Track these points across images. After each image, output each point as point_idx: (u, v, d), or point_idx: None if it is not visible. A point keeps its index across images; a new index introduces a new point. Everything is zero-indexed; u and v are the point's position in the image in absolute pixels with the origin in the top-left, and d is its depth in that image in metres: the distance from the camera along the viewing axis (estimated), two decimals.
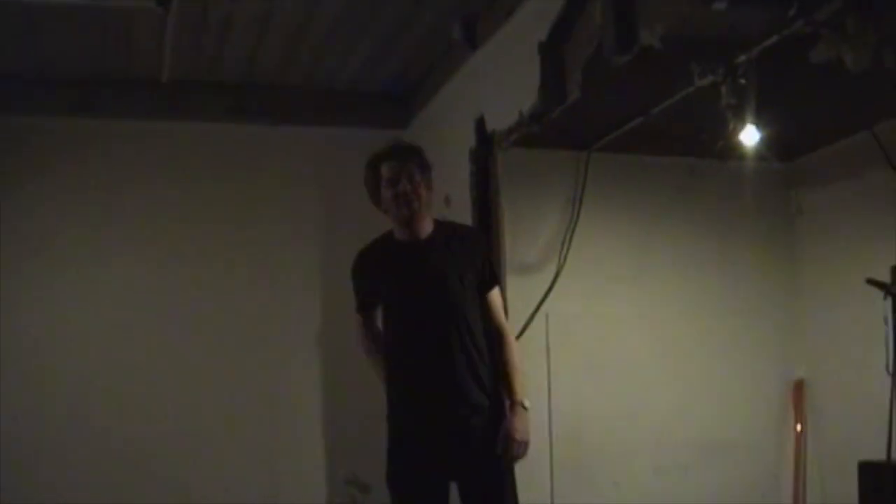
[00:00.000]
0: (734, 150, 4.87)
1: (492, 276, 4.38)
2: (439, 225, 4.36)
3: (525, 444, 4.23)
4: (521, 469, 4.27)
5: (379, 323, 4.46)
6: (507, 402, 4.26)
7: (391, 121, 6.75)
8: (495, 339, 4.32)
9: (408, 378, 4.25)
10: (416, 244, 4.27)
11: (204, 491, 6.33)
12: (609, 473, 5.65)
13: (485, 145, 5.43)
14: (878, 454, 4.61)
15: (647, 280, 5.96)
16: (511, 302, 4.92)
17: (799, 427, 6.09)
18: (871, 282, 4.87)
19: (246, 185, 6.62)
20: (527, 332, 5.39)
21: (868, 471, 4.46)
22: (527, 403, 4.25)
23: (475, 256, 4.32)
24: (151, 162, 6.48)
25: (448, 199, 5.67)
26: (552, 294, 5.58)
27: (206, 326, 6.45)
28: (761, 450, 6.11)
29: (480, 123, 5.48)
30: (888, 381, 4.81)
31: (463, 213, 5.33)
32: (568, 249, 5.68)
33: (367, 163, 4.32)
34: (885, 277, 4.90)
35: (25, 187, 6.26)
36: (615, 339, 5.83)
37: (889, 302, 4.84)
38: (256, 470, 6.48)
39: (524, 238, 5.58)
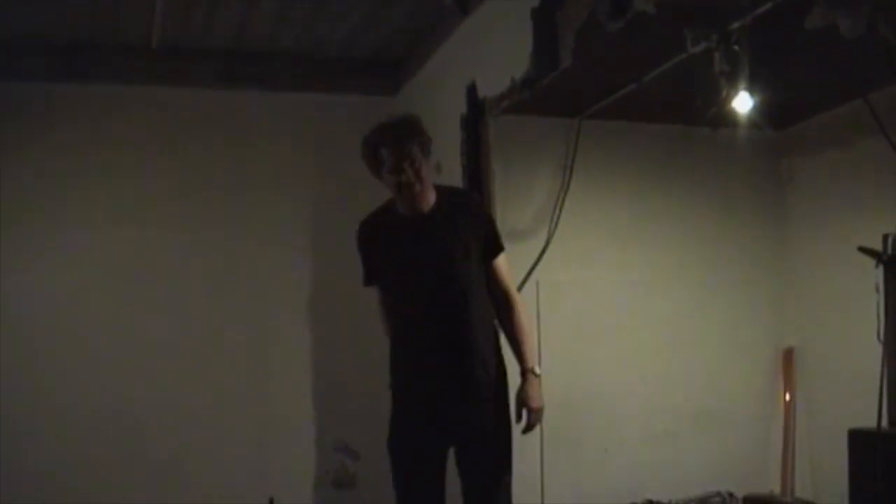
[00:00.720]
0: (726, 117, 4.87)
1: (496, 243, 4.34)
2: (441, 194, 4.30)
3: (541, 410, 4.26)
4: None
5: None
6: (519, 370, 4.27)
7: (382, 87, 6.73)
8: (502, 306, 4.32)
9: (411, 350, 4.24)
10: (419, 218, 4.23)
11: (193, 457, 6.33)
12: (599, 440, 5.66)
13: (476, 112, 5.40)
14: (868, 422, 4.61)
15: (637, 248, 5.96)
16: None
17: (788, 396, 6.10)
18: (863, 250, 4.86)
19: (236, 151, 6.58)
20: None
21: (858, 439, 4.47)
22: (538, 370, 4.27)
23: (478, 226, 4.29)
24: (141, 128, 6.44)
25: (439, 165, 5.64)
26: (543, 261, 5.58)
27: (195, 293, 6.43)
28: (750, 418, 6.13)
29: (472, 90, 5.45)
30: (879, 349, 4.81)
31: (454, 180, 5.31)
32: (559, 217, 5.67)
33: (365, 141, 4.25)
34: (877, 246, 4.90)
35: (14, 154, 6.21)
36: (605, 307, 5.84)
37: (881, 270, 4.84)
38: (246, 438, 6.48)
39: (515, 205, 5.56)
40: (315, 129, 6.70)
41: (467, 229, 4.25)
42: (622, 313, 5.87)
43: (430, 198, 4.25)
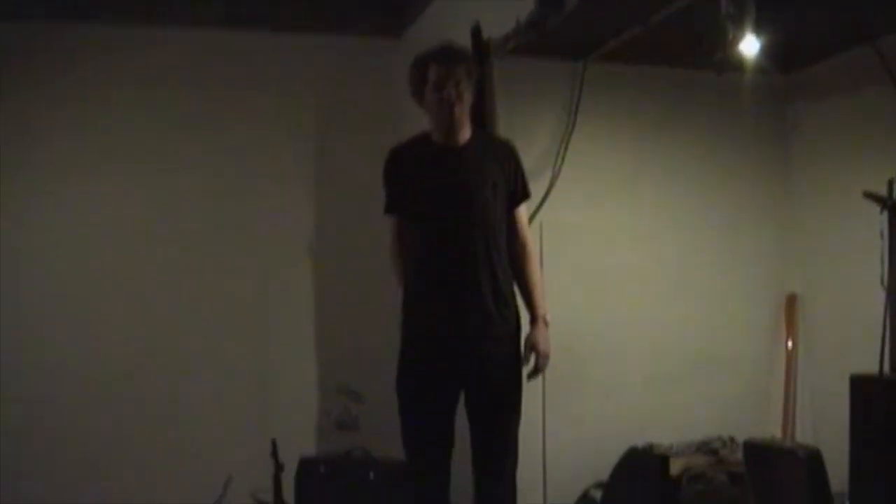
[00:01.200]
0: (733, 61, 4.82)
1: (524, 190, 4.42)
2: (477, 133, 4.37)
3: (547, 357, 4.32)
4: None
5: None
6: (529, 317, 4.34)
7: (385, 28, 6.69)
8: (519, 253, 4.39)
9: (429, 284, 4.25)
10: (453, 149, 4.28)
11: (196, 401, 6.36)
12: (600, 383, 5.67)
13: (480, 54, 5.35)
14: (870, 368, 4.61)
15: (642, 191, 5.94)
16: None
17: (790, 343, 6.10)
18: (868, 195, 4.83)
19: (238, 93, 6.56)
20: None
21: (859, 384, 4.46)
22: (548, 318, 4.31)
23: (509, 168, 4.36)
24: (143, 69, 6.40)
25: None
26: (547, 204, 5.55)
27: (196, 237, 6.44)
28: (752, 364, 6.14)
29: (476, 31, 5.40)
30: (882, 295, 4.80)
31: None
32: (563, 160, 5.65)
33: (414, 61, 4.29)
34: (883, 191, 4.87)
35: (13, 96, 6.18)
36: (609, 250, 5.82)
37: (885, 216, 4.81)
38: (249, 381, 6.51)
39: (519, 147, 5.40)
40: (318, 70, 6.68)
41: (498, 169, 4.31)
42: (625, 256, 5.86)
43: (466, 132, 4.29)
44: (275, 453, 6.10)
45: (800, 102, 6.18)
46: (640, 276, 5.89)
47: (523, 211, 4.45)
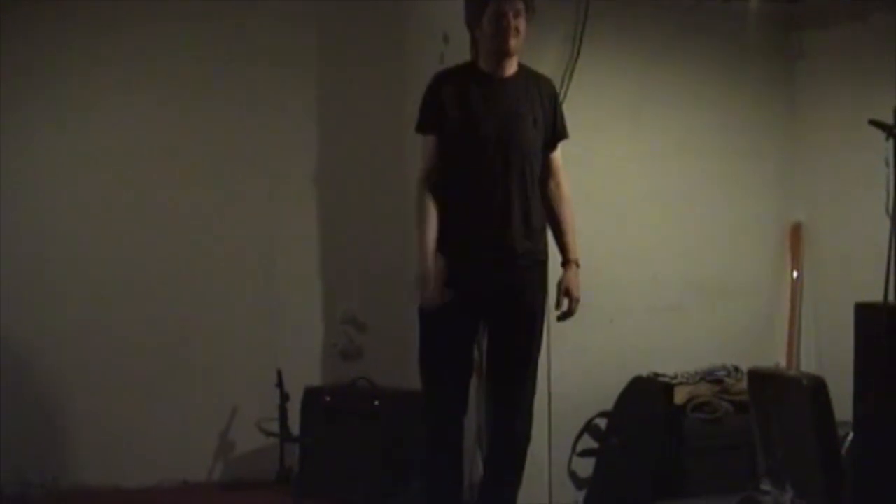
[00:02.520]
0: None
1: (563, 129, 4.47)
2: (522, 68, 4.39)
3: (579, 301, 4.41)
4: None
5: None
6: (562, 259, 4.42)
7: None
8: (553, 193, 4.46)
9: (462, 210, 4.25)
10: (500, 79, 4.30)
11: (201, 330, 6.37)
12: (604, 311, 5.66)
13: None
14: (875, 297, 4.61)
15: (646, 119, 5.90)
16: None
17: (795, 272, 6.10)
18: (874, 122, 4.80)
19: (241, 23, 6.48)
20: None
21: (864, 312, 4.46)
22: (580, 262, 4.35)
23: (550, 107, 4.40)
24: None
25: (446, 36, 5.59)
26: None
27: (202, 166, 6.40)
28: (757, 292, 6.15)
29: None
30: (887, 223, 4.79)
31: (462, 52, 5.22)
32: (567, 88, 5.60)
33: None
34: (888, 119, 4.84)
35: (13, 32, 6.12)
36: (613, 178, 5.80)
37: (891, 143, 4.77)
38: (254, 311, 6.51)
39: None
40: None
41: (539, 106, 4.35)
42: (630, 185, 5.84)
43: (515, 65, 4.33)
44: (280, 384, 6.15)
45: (804, 30, 6.13)
46: (645, 205, 5.87)
47: (559, 155, 4.48)
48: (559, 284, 4.38)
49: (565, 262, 4.41)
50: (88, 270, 6.20)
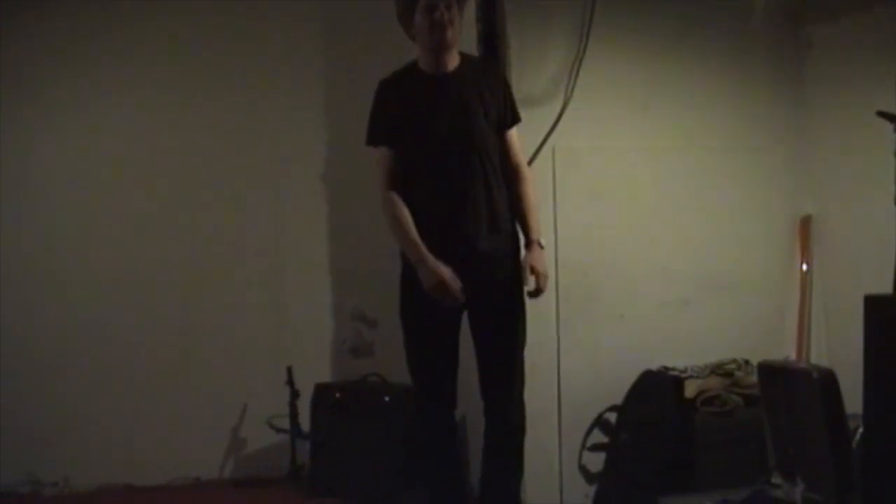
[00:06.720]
0: None
1: (514, 113, 4.41)
2: (464, 59, 4.34)
3: (547, 277, 4.35)
4: (527, 302, 4.33)
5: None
6: (524, 240, 4.35)
7: None
8: (513, 177, 4.39)
9: (425, 210, 4.25)
10: (442, 76, 4.27)
11: (211, 327, 6.40)
12: (614, 306, 5.66)
13: None
14: (885, 289, 4.60)
15: (655, 113, 5.88)
16: None
17: (805, 265, 6.09)
18: (882, 114, 4.79)
19: (247, 21, 6.49)
20: (533, 166, 5.33)
21: (874, 304, 4.45)
22: (543, 242, 4.32)
23: (498, 93, 4.36)
24: None
25: None
26: (559, 127, 5.51)
27: (208, 165, 6.44)
28: (767, 285, 6.12)
29: None
30: None
31: (469, 46, 5.23)
32: (575, 81, 5.59)
33: None
34: None
35: (20, 31, 6.14)
36: (622, 173, 5.78)
37: None
38: (264, 307, 6.53)
39: (531, 70, 5.50)
40: None
41: (488, 94, 4.29)
42: (638, 179, 5.82)
43: (455, 58, 4.28)
44: (290, 380, 6.16)
45: (814, 23, 6.11)
46: (654, 199, 5.85)
47: (515, 134, 4.45)
48: (523, 262, 4.32)
49: (528, 243, 4.36)
50: (90, 269, 6.23)
